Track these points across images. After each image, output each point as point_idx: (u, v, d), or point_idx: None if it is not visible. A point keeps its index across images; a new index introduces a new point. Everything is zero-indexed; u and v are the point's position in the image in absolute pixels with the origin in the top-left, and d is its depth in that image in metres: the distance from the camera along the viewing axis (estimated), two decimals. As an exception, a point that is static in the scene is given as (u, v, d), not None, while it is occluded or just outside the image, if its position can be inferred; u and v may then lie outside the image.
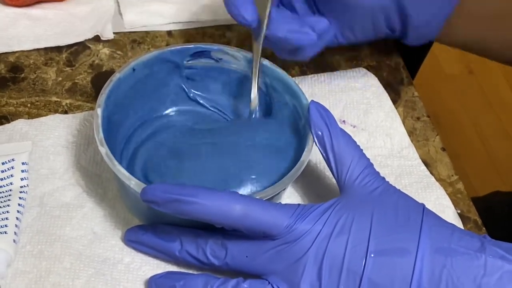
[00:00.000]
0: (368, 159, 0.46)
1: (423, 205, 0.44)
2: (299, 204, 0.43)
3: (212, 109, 0.55)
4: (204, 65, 0.53)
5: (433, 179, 0.54)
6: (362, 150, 0.46)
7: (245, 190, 0.47)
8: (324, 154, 0.46)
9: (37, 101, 0.55)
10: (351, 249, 0.41)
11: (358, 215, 0.42)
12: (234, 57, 0.52)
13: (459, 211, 0.53)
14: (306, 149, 0.47)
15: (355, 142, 0.46)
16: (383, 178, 0.46)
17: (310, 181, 0.53)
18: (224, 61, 0.53)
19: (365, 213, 0.42)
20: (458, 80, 1.77)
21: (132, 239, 0.47)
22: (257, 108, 0.52)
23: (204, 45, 0.52)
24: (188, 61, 0.53)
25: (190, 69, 0.53)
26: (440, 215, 0.51)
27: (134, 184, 0.43)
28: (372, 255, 0.41)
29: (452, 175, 0.56)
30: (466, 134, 1.64)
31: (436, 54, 1.74)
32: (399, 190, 0.45)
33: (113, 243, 0.48)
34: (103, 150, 0.45)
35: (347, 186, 0.45)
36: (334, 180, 0.47)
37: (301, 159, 0.46)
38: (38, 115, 0.54)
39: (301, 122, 0.50)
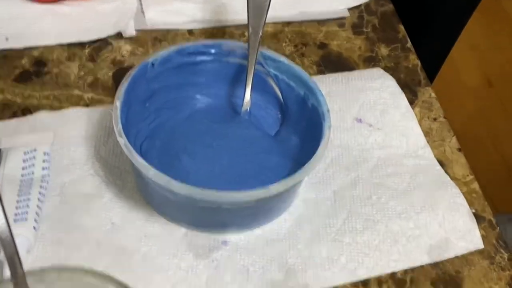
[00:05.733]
0: None
1: None
2: None
3: (222, 98, 0.56)
4: None
5: (448, 178, 0.54)
6: None
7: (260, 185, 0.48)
8: None
9: (59, 95, 0.56)
10: None
11: None
12: (252, 54, 0.53)
13: (474, 211, 0.53)
14: (322, 142, 0.47)
15: None
16: None
17: (327, 176, 0.54)
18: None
19: None
20: (478, 93, 1.76)
21: None
22: (249, 109, 0.54)
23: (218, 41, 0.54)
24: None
25: (206, 64, 0.54)
26: (454, 213, 0.51)
27: (153, 174, 0.44)
28: None
29: (468, 175, 0.56)
30: (486, 149, 1.62)
31: (457, 66, 1.73)
32: None
33: (130, 233, 0.49)
34: (122, 141, 0.45)
35: None
36: (351, 175, 0.47)
37: (318, 151, 0.47)
38: (60, 108, 0.55)
39: (318, 118, 0.50)
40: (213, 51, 0.54)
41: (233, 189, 0.44)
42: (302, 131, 0.53)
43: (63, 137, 0.53)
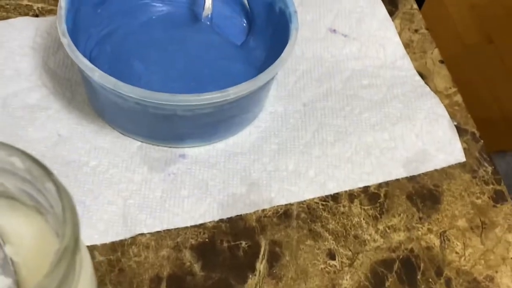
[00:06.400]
0: None
1: None
2: None
3: (183, 7, 0.51)
4: None
5: (428, 89, 0.50)
6: None
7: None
8: None
9: (6, 4, 0.52)
10: None
11: None
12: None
13: (456, 123, 0.49)
14: (289, 43, 0.43)
15: None
16: None
17: (296, 89, 0.50)
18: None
19: None
20: (477, 50, 1.70)
21: None
22: (210, 15, 0.49)
23: None
24: None
25: None
26: (433, 124, 0.47)
27: (98, 76, 0.40)
28: None
29: (450, 87, 0.51)
30: (486, 105, 1.57)
31: (456, 24, 1.68)
32: None
33: (79, 146, 0.45)
34: (65, 41, 0.41)
35: None
36: (323, 87, 0.43)
37: (284, 52, 0.43)
38: (7, 18, 0.51)
39: (285, 21, 0.46)
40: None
41: (189, 93, 0.40)
42: (269, 39, 0.48)
43: (8, 46, 0.49)
